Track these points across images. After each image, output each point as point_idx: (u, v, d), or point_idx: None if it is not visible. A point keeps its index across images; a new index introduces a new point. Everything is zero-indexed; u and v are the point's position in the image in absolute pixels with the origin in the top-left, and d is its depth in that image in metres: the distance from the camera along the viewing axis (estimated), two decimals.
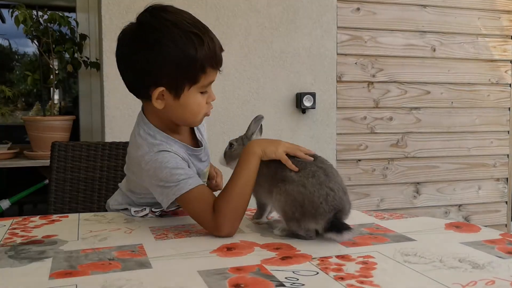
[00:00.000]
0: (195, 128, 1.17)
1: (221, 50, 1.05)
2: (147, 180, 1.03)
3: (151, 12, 1.01)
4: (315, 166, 0.94)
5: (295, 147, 0.99)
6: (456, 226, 1.04)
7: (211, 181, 1.25)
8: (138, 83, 1.04)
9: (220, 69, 1.05)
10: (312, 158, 0.97)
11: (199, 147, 1.14)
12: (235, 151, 1.09)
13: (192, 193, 0.98)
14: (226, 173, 1.13)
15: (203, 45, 0.99)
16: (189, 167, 1.04)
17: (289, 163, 0.95)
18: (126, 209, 1.18)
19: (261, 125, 1.10)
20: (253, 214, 1.09)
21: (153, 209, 1.14)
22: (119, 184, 1.24)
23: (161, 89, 1.00)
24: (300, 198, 0.90)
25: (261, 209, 1.07)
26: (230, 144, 1.10)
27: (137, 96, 1.07)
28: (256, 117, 1.08)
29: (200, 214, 0.98)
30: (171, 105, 1.02)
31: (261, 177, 1.00)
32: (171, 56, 0.97)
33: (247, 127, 1.09)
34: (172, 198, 0.99)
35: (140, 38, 1.00)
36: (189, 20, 1.02)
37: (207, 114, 1.08)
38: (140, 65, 1.01)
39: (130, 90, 1.07)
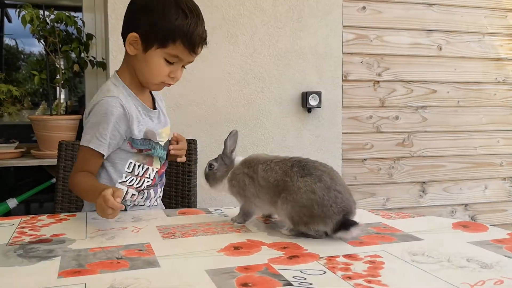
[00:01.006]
0: (157, 99, 1.32)
1: (202, 38, 1.17)
2: (88, 119, 1.20)
3: None
4: (319, 171, 0.93)
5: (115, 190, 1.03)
6: (464, 226, 1.03)
7: (169, 145, 1.33)
8: (124, 24, 1.21)
9: (195, 54, 1.17)
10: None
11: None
12: (217, 172, 1.07)
13: (82, 148, 1.18)
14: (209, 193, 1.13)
15: (185, 21, 1.13)
16: (130, 124, 1.18)
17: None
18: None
19: (236, 134, 1.08)
20: (235, 216, 1.06)
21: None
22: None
23: (135, 34, 1.15)
24: (310, 204, 0.90)
25: (246, 215, 1.05)
26: (210, 165, 1.09)
27: (124, 44, 1.20)
28: (230, 133, 1.08)
29: (74, 167, 1.22)
30: (139, 56, 1.18)
31: (258, 190, 0.99)
32: (155, 13, 1.14)
33: (224, 145, 1.07)
34: (81, 142, 1.18)
35: None
36: (189, 3, 1.16)
37: (166, 84, 1.21)
38: (131, 7, 1.20)
39: (122, 35, 1.21)
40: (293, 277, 0.72)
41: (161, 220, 1.11)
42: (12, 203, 2.25)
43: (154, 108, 1.30)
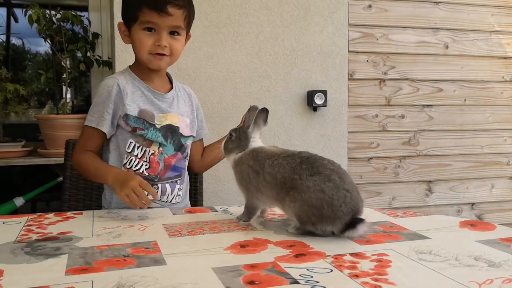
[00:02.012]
0: (180, 92, 1.39)
1: None
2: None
3: None
4: (328, 170, 0.92)
5: (145, 183, 1.15)
6: (471, 224, 1.03)
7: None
8: None
9: (166, 14, 1.20)
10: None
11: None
12: (232, 144, 1.05)
13: (84, 128, 1.28)
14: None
15: None
16: (124, 99, 1.25)
17: (148, 187, 1.14)
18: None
19: (267, 113, 1.06)
20: (240, 215, 1.06)
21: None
22: None
23: (120, 22, 1.28)
24: (318, 203, 0.88)
25: (250, 213, 1.04)
26: (230, 134, 1.07)
27: None
28: (250, 108, 1.05)
29: (77, 146, 1.29)
30: (131, 42, 1.27)
31: (263, 185, 0.98)
32: None
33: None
34: (85, 123, 1.27)
35: None
36: None
37: (158, 56, 1.24)
38: None
39: None
40: (300, 275, 0.72)
41: (167, 218, 1.11)
42: (19, 201, 2.27)
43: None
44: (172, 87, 1.36)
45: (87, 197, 1.48)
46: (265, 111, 1.06)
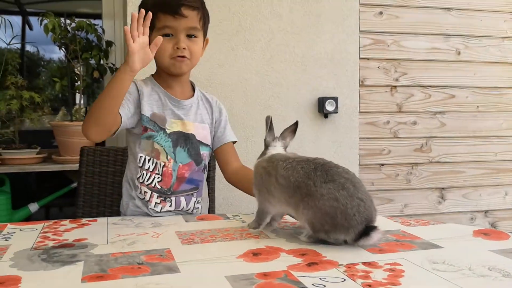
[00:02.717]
0: (203, 101, 1.39)
1: (177, 0, 1.23)
2: None
3: None
4: (343, 178, 0.92)
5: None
6: (485, 234, 1.02)
7: None
8: None
9: (180, 16, 1.23)
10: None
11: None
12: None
13: None
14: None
15: None
16: (140, 99, 1.27)
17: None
18: (133, 199, 1.29)
19: (296, 128, 1.18)
20: (250, 222, 1.06)
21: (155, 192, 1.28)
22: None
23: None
24: (332, 212, 0.88)
25: (260, 218, 1.04)
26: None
27: None
28: (266, 118, 1.16)
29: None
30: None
31: (275, 188, 0.98)
32: (139, 6, 1.28)
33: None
34: None
35: None
36: None
37: (178, 59, 1.26)
38: None
39: None
40: (313, 284, 0.72)
41: (180, 226, 1.12)
42: (33, 207, 2.30)
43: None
44: (192, 95, 1.37)
45: (100, 204, 1.50)
46: (294, 125, 1.16)
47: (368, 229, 0.89)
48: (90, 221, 1.16)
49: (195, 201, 1.32)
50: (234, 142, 1.42)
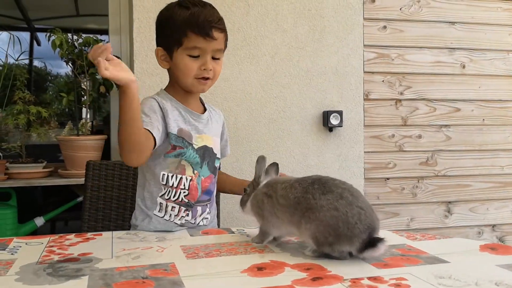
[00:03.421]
0: (212, 113, 1.38)
1: (209, 21, 1.20)
2: None
3: None
4: (340, 188, 0.93)
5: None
6: (492, 248, 1.01)
7: None
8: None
9: (211, 38, 1.20)
10: None
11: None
12: (246, 196, 1.10)
13: None
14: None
15: (187, 12, 1.20)
16: (165, 117, 1.23)
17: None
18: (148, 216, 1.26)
19: (277, 166, 1.11)
20: (254, 236, 1.08)
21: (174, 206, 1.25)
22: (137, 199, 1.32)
23: (159, 48, 1.27)
24: (334, 222, 0.89)
25: (264, 235, 1.05)
26: (244, 190, 1.12)
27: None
28: (258, 159, 1.10)
29: None
30: (171, 67, 1.26)
31: (277, 210, 0.99)
32: (164, 21, 1.25)
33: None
34: None
35: None
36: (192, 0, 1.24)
37: (203, 80, 1.24)
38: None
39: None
40: None
41: (184, 240, 1.12)
42: (39, 221, 2.30)
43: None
44: (205, 109, 1.37)
45: (106, 217, 1.50)
46: (275, 165, 1.11)
47: (373, 240, 0.88)
48: (95, 235, 1.16)
49: (207, 211, 1.33)
50: None
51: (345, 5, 2.31)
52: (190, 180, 1.27)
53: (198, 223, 1.31)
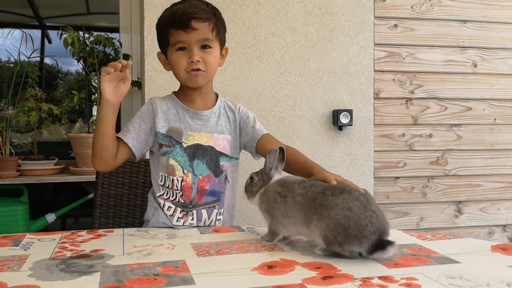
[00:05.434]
0: (218, 107, 1.37)
1: (185, 13, 1.23)
2: None
3: None
4: (357, 192, 0.95)
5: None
6: (503, 249, 1.01)
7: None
8: None
9: (191, 29, 1.22)
10: None
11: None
12: (255, 186, 1.09)
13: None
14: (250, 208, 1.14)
15: (169, 10, 1.26)
16: (155, 117, 1.29)
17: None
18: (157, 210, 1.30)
19: (284, 156, 1.10)
20: (264, 235, 1.08)
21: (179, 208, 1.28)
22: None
23: (160, 52, 1.33)
24: (345, 222, 0.90)
25: (273, 234, 1.05)
26: (251, 178, 1.12)
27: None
28: (270, 151, 1.10)
29: None
30: (170, 67, 1.31)
31: (290, 208, 0.99)
32: (156, 26, 1.31)
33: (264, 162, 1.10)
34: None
35: None
36: (184, 1, 1.28)
37: (193, 73, 1.26)
38: None
39: None
40: None
41: (195, 237, 1.12)
42: (50, 217, 2.33)
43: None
44: (215, 106, 1.37)
45: (116, 214, 1.51)
46: (281, 153, 1.10)
47: (383, 242, 0.88)
48: (107, 232, 1.17)
49: (217, 213, 1.31)
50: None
51: (355, 4, 2.30)
52: (182, 180, 1.27)
53: (209, 225, 1.31)
